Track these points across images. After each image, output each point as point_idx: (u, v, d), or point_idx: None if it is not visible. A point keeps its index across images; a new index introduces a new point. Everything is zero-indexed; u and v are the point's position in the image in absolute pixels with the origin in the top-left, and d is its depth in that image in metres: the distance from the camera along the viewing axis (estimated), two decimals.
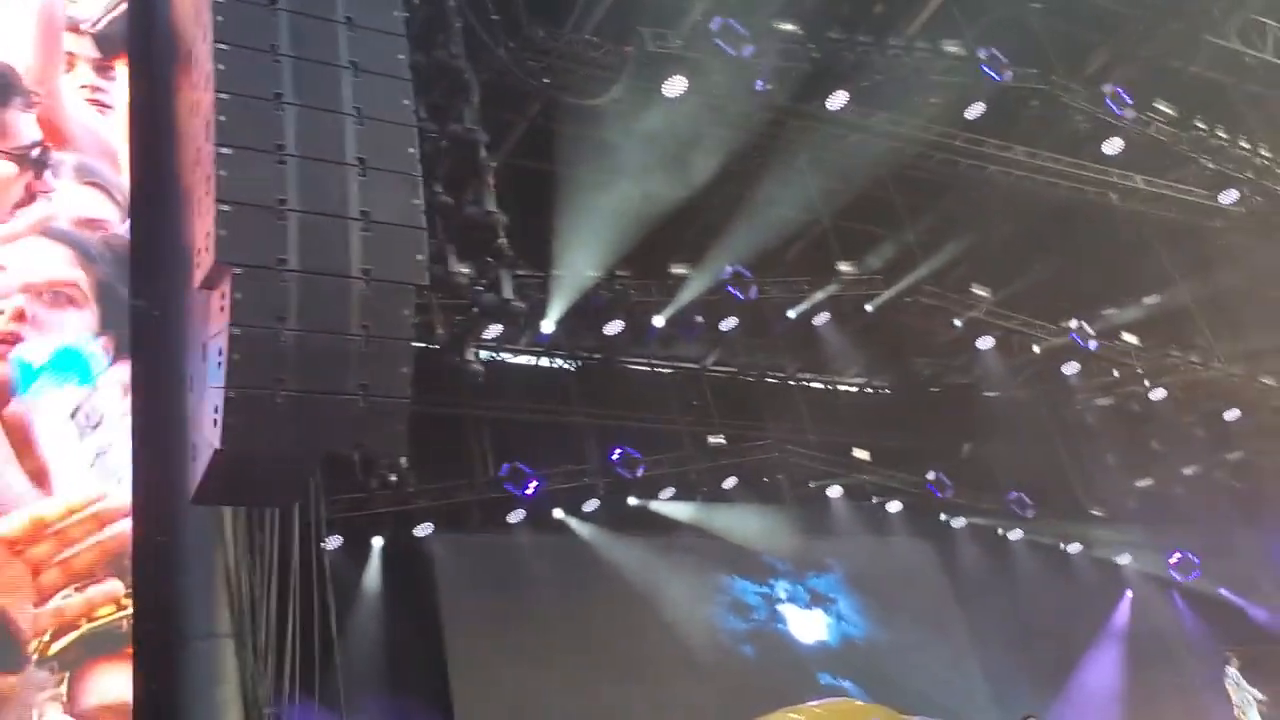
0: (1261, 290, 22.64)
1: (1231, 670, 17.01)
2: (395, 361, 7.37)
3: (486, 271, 16.10)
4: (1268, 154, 22.01)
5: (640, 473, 20.31)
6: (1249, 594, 22.82)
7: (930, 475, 23.13)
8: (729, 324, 20.68)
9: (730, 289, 19.78)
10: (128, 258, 10.35)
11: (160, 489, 9.75)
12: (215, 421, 6.96)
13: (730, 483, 21.50)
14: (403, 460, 15.12)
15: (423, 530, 18.31)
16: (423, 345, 16.33)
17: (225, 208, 7.05)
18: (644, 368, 23.63)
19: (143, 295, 10.34)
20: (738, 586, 21.69)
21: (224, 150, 7.22)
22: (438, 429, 18.17)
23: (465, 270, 15.48)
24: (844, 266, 21.09)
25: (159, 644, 9.56)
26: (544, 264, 18.89)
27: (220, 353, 6.93)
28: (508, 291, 16.39)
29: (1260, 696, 16.51)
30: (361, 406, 7.09)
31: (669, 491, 20.93)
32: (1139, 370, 23.25)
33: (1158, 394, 23.49)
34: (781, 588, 22.08)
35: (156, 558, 9.81)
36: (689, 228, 21.31)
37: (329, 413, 7.05)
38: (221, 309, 7.04)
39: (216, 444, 6.97)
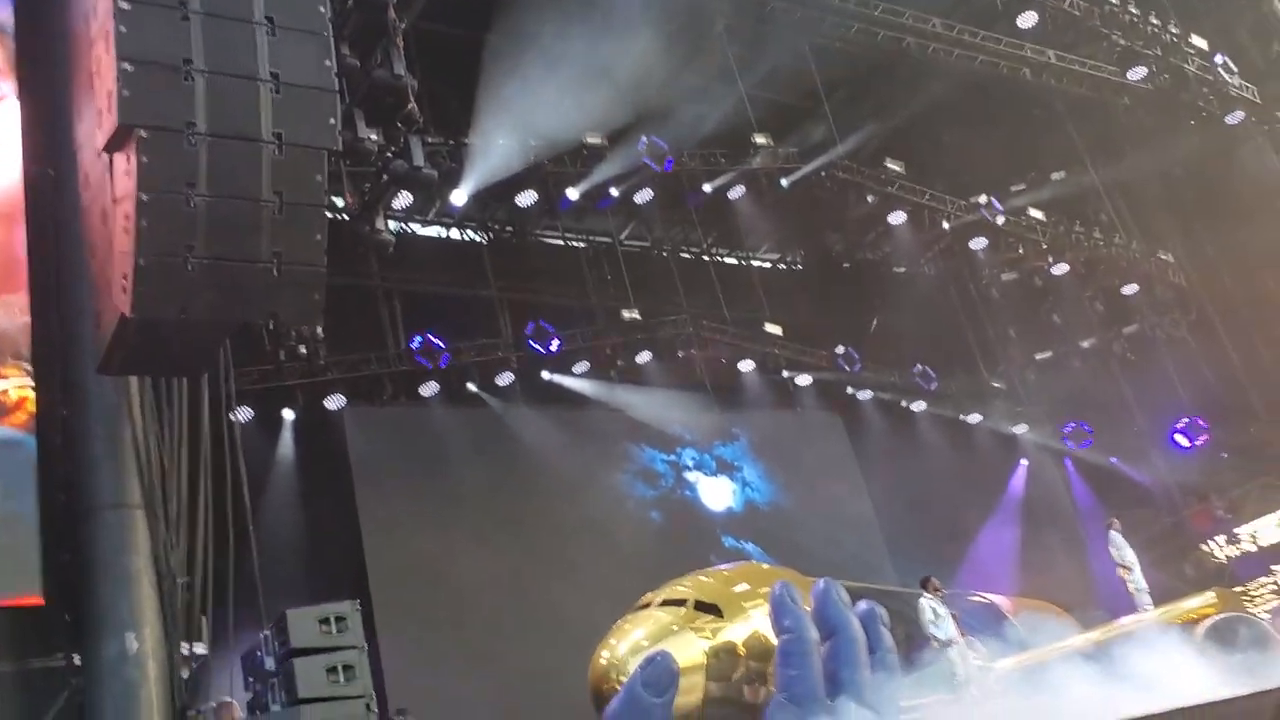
0: (1163, 168, 23.16)
1: (1114, 533, 17.88)
2: (309, 228, 7.20)
3: (396, 138, 15.75)
4: (1176, 31, 22.30)
5: (554, 346, 20.34)
6: (1137, 462, 23.86)
7: (839, 350, 23.58)
8: (644, 197, 20.53)
9: (645, 160, 19.54)
10: None
11: (62, 358, 9.52)
12: (124, 289, 6.76)
13: (644, 357, 21.66)
14: (319, 330, 14.92)
15: (334, 402, 18.20)
16: (332, 215, 16.03)
17: (128, 66, 6.72)
18: (557, 241, 23.47)
19: (36, 157, 9.91)
20: (646, 456, 22.12)
21: (123, 4, 6.85)
22: (348, 301, 17.94)
23: (374, 137, 15.12)
24: (760, 139, 20.99)
25: (67, 515, 9.44)
26: (456, 132, 18.48)
27: (128, 219, 6.69)
28: (418, 159, 16.09)
29: (1133, 558, 17.40)
30: (276, 275, 6.94)
31: (583, 365, 21.03)
32: (1043, 246, 23.79)
33: (1060, 269, 24.11)
34: (689, 456, 22.57)
35: (61, 429, 9.62)
36: (603, 96, 20.95)
37: (242, 281, 6.89)
38: (127, 174, 6.78)
39: (125, 311, 6.78)
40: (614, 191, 20.52)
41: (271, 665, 9.55)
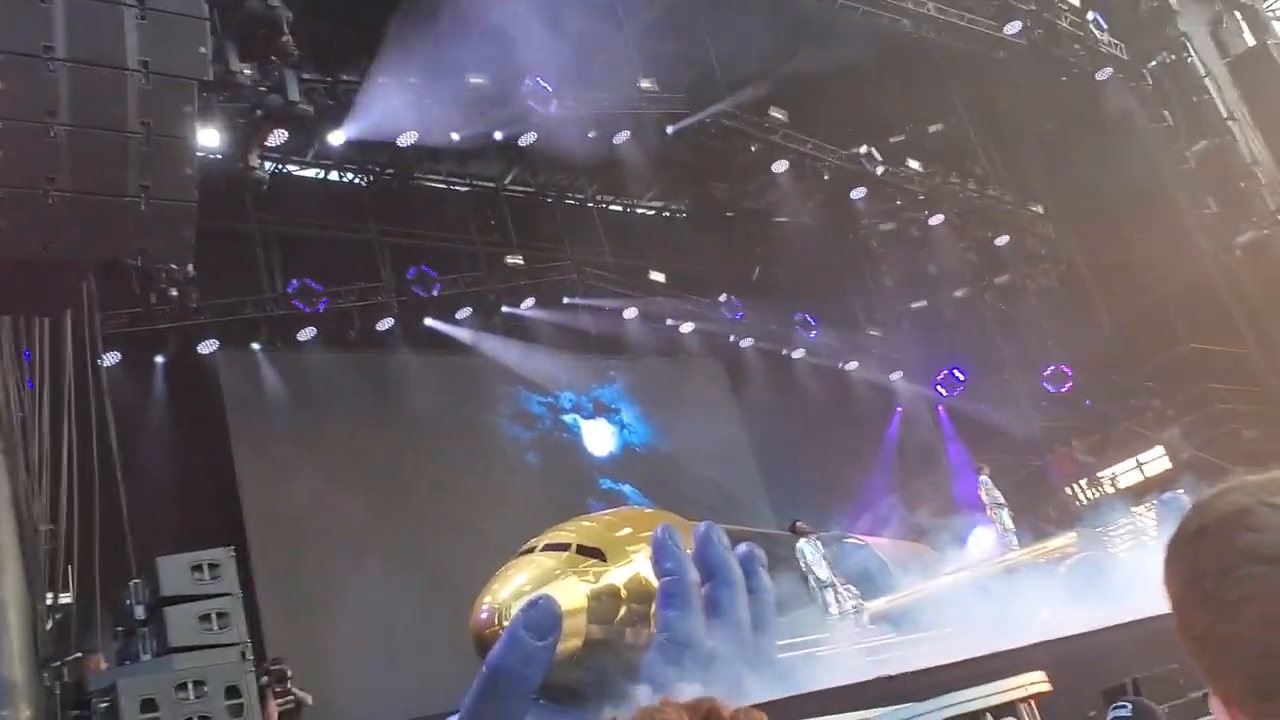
0: (1036, 122, 23.77)
1: (984, 478, 18.53)
2: (178, 162, 6.92)
3: (270, 72, 15.24)
4: None
5: (436, 292, 20.07)
6: (1006, 409, 24.70)
7: (722, 298, 23.80)
8: (528, 139, 20.28)
9: (530, 102, 19.24)
10: None
11: None
12: None
13: (528, 303, 21.55)
14: (190, 270, 14.42)
15: (207, 347, 17.68)
16: (205, 154, 15.50)
17: None
18: (440, 185, 23.05)
19: None
20: (525, 398, 22.11)
21: None
22: (223, 243, 17.37)
23: (247, 71, 14.60)
24: (645, 85, 20.87)
25: None
26: (334, 70, 17.95)
27: None
28: (293, 94, 15.60)
29: (1001, 500, 18.07)
30: (143, 210, 6.66)
31: (465, 311, 20.81)
32: (920, 197, 24.29)
33: (936, 220, 24.67)
34: (566, 399, 22.64)
35: None
36: (483, 37, 20.53)
37: (107, 216, 6.60)
38: None
39: None
40: (498, 135, 20.21)
41: (141, 614, 9.31)
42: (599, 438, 22.95)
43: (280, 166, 20.21)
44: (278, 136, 16.57)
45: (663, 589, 11.58)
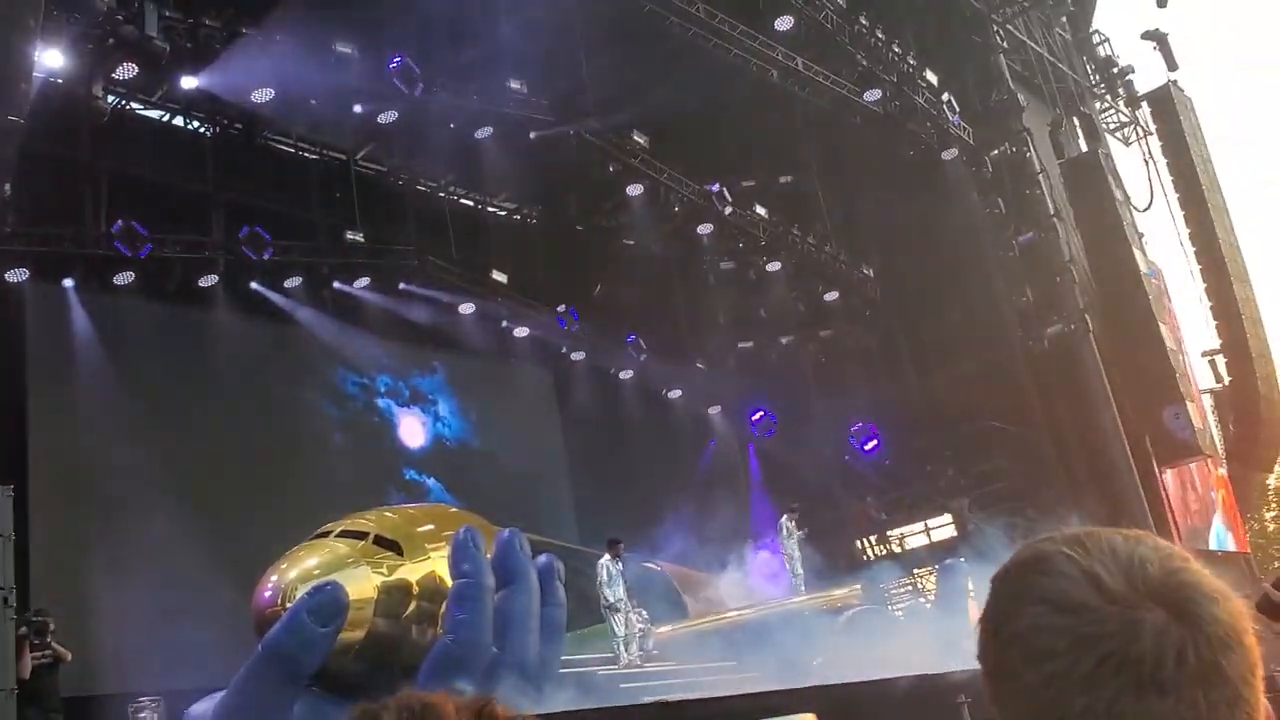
0: (880, 189, 24.71)
1: (786, 519, 19.13)
2: (11, 77, 6.61)
3: (129, 1, 14.62)
4: (914, 63, 23.79)
5: (268, 255, 19.51)
6: (812, 457, 25.50)
7: (560, 308, 23.91)
8: (388, 117, 19.96)
9: (396, 81, 18.92)
10: None
11: None
12: None
13: (362, 282, 21.17)
14: (7, 189, 13.64)
15: (16, 275, 16.77)
16: (46, 77, 14.76)
17: None
18: (288, 148, 22.45)
19: None
20: (339, 376, 21.73)
21: None
22: (48, 170, 16.56)
23: None
24: (515, 85, 20.84)
25: None
26: (196, 10, 17.28)
27: None
28: (150, 28, 14.99)
29: (796, 545, 18.68)
30: None
31: (295, 280, 20.31)
32: (762, 242, 24.96)
33: (773, 266, 25.39)
34: (383, 382, 22.35)
35: None
36: (358, 6, 20.12)
37: None
38: None
39: None
40: (358, 108, 19.83)
41: None
42: (410, 427, 22.72)
43: (124, 102, 19.35)
44: (126, 70, 15.87)
45: (456, 590, 11.53)
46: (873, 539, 26.71)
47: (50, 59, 14.80)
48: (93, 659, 14.69)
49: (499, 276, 23.34)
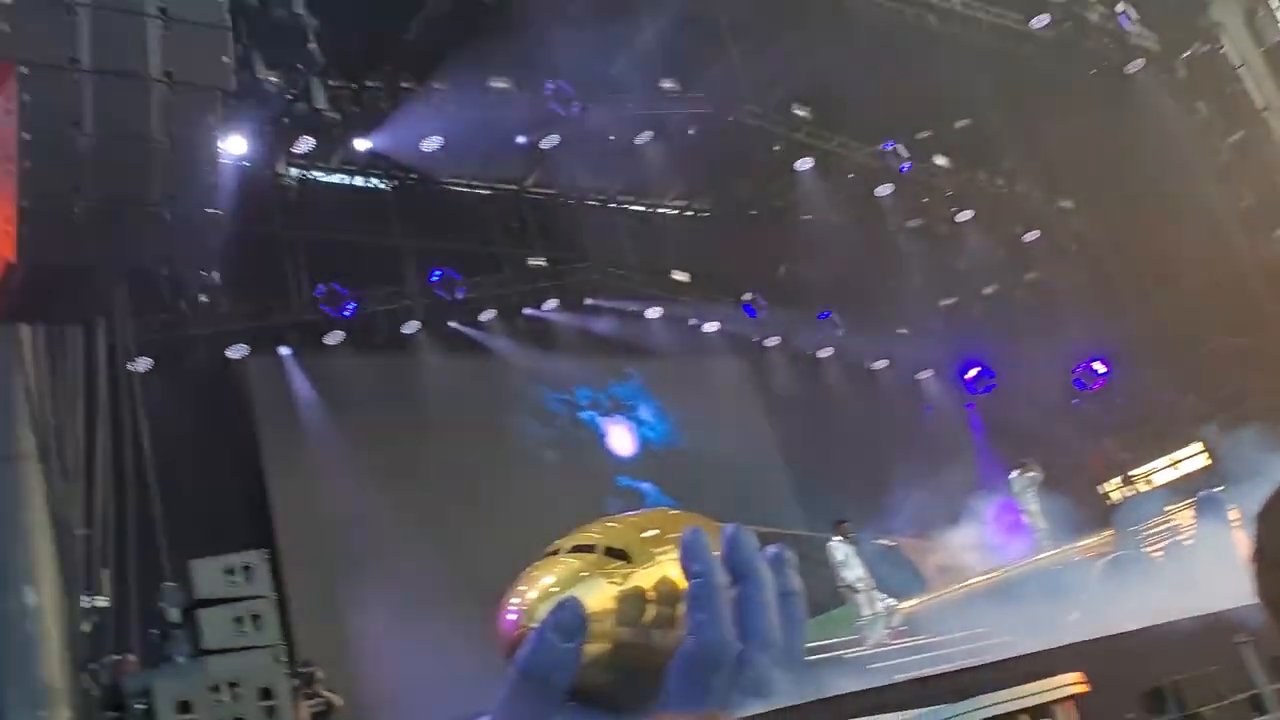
0: (1064, 116, 23.53)
1: (1018, 474, 18.37)
2: (203, 171, 6.96)
3: (296, 80, 15.33)
4: None
5: (460, 295, 20.15)
6: (1037, 406, 24.46)
7: (746, 297, 23.71)
8: (551, 142, 20.30)
9: (552, 105, 19.27)
10: None
11: None
12: (7, 233, 6.48)
13: (551, 304, 21.57)
14: (215, 276, 14.52)
15: (236, 352, 17.81)
16: (233, 161, 15.60)
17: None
18: (463, 188, 23.13)
19: None
20: (542, 396, 22.11)
21: None
22: (250, 249, 17.47)
23: (274, 78, 14.69)
24: (667, 84, 20.84)
25: None
26: (359, 75, 18.02)
27: (10, 160, 6.39)
28: (320, 101, 15.70)
29: (1035, 498, 17.92)
30: (167, 218, 6.69)
31: (489, 314, 20.86)
32: (948, 193, 24.09)
33: (964, 216, 24.48)
34: (583, 394, 22.64)
35: None
36: (509, 39, 20.59)
37: (133, 224, 6.64)
38: (8, 112, 6.47)
39: (9, 256, 6.51)
40: (520, 139, 20.25)
41: (176, 616, 9.38)
42: (616, 435, 22.90)
43: (307, 172, 20.33)
44: (304, 143, 16.66)
45: (690, 591, 11.50)
46: (1117, 481, 25.37)
47: (234, 146, 15.67)
48: (362, 701, 15.40)
49: (680, 276, 23.39)
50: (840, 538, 14.55)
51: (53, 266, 6.67)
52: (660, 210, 26.63)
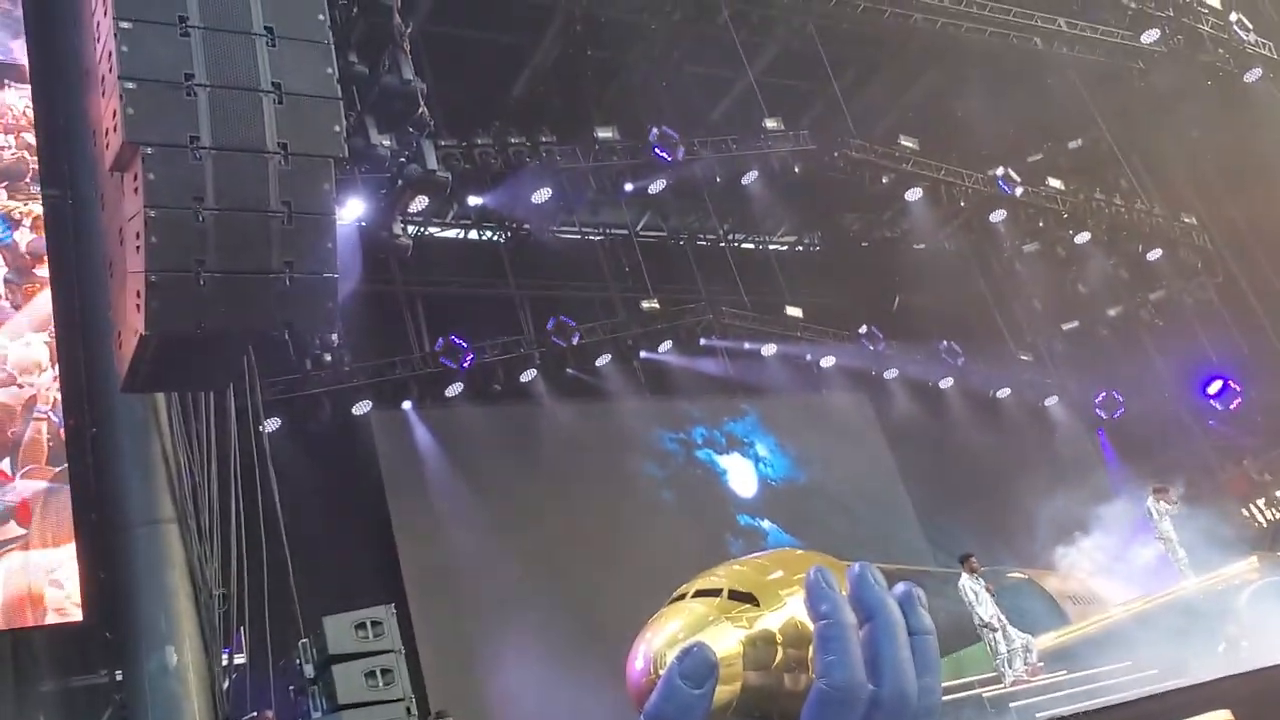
0: (1182, 130, 22.86)
1: (1154, 502, 17.65)
2: (320, 236, 7.18)
3: (408, 142, 15.75)
4: None
5: (576, 340, 20.33)
6: (1171, 429, 23.60)
7: (862, 329, 23.44)
8: (657, 187, 20.47)
9: (657, 150, 19.48)
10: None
11: (88, 378, 9.59)
12: (138, 307, 6.78)
13: (665, 346, 21.63)
14: (334, 337, 14.95)
15: (361, 408, 18.24)
16: (348, 223, 16.08)
17: (130, 85, 6.73)
18: (574, 236, 23.46)
19: (53, 184, 9.99)
20: (657, 436, 22.08)
21: (124, 24, 6.86)
22: (371, 306, 17.99)
23: (386, 142, 15.13)
24: (770, 124, 20.86)
25: (102, 532, 9.52)
26: (468, 133, 18.49)
27: (138, 236, 6.70)
28: (431, 162, 16.08)
29: (1171, 526, 17.18)
30: (288, 284, 6.92)
31: (605, 358, 21.01)
32: (1064, 215, 23.53)
33: (1082, 238, 23.86)
34: (699, 433, 22.55)
35: (91, 448, 9.70)
36: (612, 89, 20.96)
37: (255, 292, 6.89)
38: (135, 191, 6.79)
39: (141, 329, 6.80)
40: (628, 186, 20.47)
41: (311, 673, 9.61)
42: (734, 474, 22.72)
43: (422, 229, 20.86)
44: (418, 203, 17.07)
45: (819, 633, 11.21)
46: (1260, 503, 24.25)
47: (351, 209, 16.16)
48: None
49: (794, 311, 23.21)
50: (968, 574, 14.14)
51: (182, 336, 6.93)
52: (770, 246, 26.58)
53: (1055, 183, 23.35)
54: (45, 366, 9.74)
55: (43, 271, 10.02)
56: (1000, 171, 22.31)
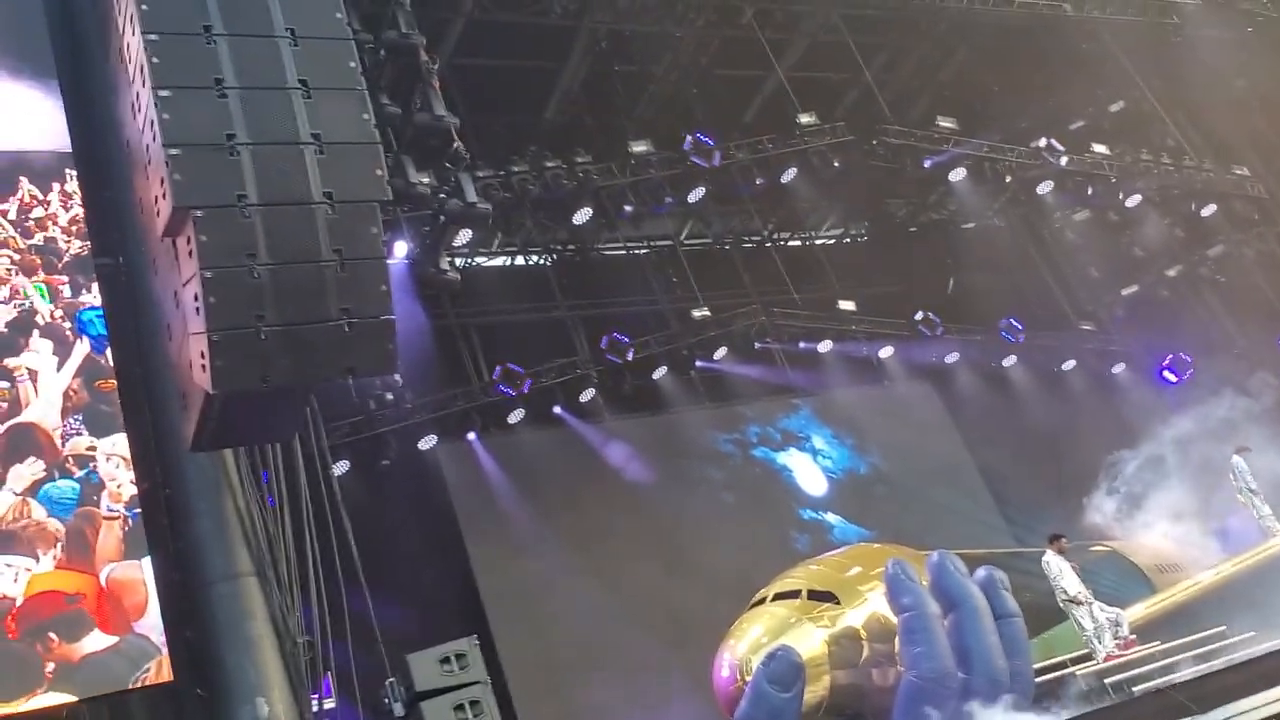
0: (1224, 81, 22.41)
1: (1237, 460, 17.29)
2: (373, 281, 7.28)
3: (447, 177, 15.90)
4: None
5: (631, 356, 20.35)
6: (1245, 384, 23.05)
7: (918, 316, 23.20)
8: (697, 195, 20.46)
9: (694, 159, 19.48)
10: None
11: (156, 441, 9.76)
12: (203, 367, 6.91)
13: (721, 352, 21.56)
14: (397, 377, 15.11)
15: (426, 443, 18.41)
16: (398, 262, 16.26)
17: (174, 151, 6.87)
18: (619, 252, 23.52)
19: (106, 253, 10.21)
20: (713, 439, 21.89)
21: (162, 93, 7.01)
22: (425, 341, 18.18)
23: (425, 180, 15.28)
24: (805, 119, 20.75)
25: (184, 592, 9.67)
26: (504, 161, 18.61)
27: (196, 298, 6.84)
28: (471, 195, 16.21)
29: (1255, 485, 16.82)
30: (347, 331, 7.02)
31: (661, 370, 21.00)
32: (1112, 179, 23.12)
33: (1133, 200, 23.45)
34: (753, 431, 22.40)
35: (165, 509, 9.86)
36: (643, 102, 21.01)
37: (315, 341, 6.99)
38: (190, 254, 6.93)
39: (207, 388, 6.92)
40: (668, 198, 20.47)
41: (400, 711, 9.68)
42: (796, 470, 22.46)
43: (469, 261, 21.03)
44: (462, 236, 17.21)
45: (904, 625, 11.25)
46: None
47: (398, 249, 16.34)
48: None
49: (846, 305, 23.04)
50: (1054, 552, 13.91)
51: (246, 391, 7.05)
52: (816, 241, 26.42)
53: (1100, 148, 22.96)
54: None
55: None
56: (1043, 143, 21.99)
